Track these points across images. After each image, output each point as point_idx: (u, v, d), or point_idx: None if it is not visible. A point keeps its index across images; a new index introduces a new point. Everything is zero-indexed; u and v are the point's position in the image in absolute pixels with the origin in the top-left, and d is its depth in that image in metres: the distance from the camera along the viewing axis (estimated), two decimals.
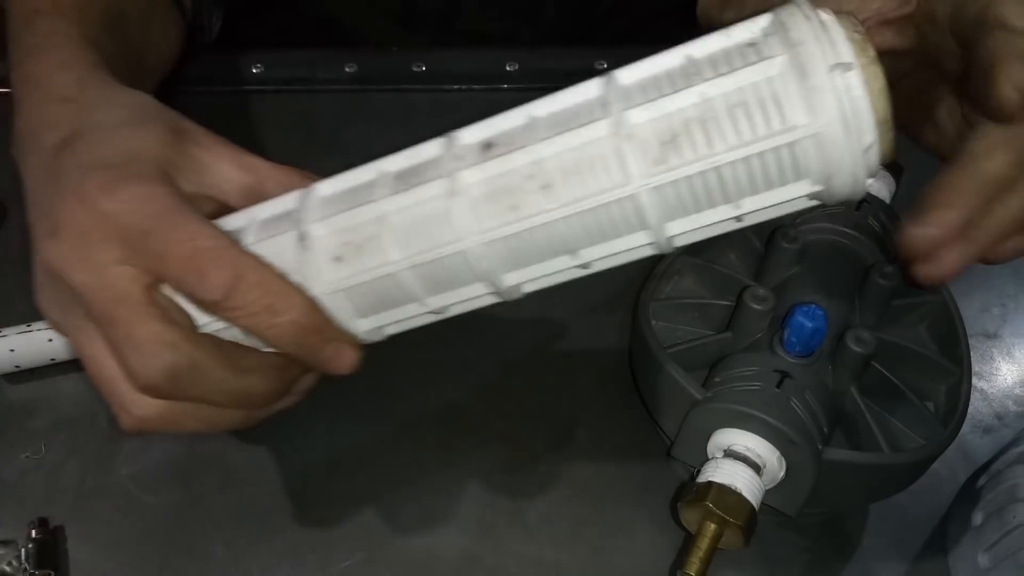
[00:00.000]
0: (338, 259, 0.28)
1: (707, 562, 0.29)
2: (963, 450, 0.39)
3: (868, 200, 0.37)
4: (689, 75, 0.26)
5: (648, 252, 0.27)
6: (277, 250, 0.28)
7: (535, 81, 0.56)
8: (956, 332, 0.36)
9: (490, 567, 0.34)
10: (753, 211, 0.26)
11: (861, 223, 0.37)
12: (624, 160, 0.26)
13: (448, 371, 0.40)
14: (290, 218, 0.29)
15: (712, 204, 0.26)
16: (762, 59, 0.25)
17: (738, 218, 0.27)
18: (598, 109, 0.27)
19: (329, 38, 0.66)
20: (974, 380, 0.41)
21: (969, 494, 0.35)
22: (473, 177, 0.27)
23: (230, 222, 0.30)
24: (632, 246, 0.27)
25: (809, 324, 0.31)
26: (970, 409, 0.39)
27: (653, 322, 0.36)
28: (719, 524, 0.29)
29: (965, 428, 0.39)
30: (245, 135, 0.52)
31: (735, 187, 0.26)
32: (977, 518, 0.34)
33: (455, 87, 0.56)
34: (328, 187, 0.30)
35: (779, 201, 0.26)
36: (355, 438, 0.38)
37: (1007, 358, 0.42)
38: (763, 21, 0.26)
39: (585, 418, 0.39)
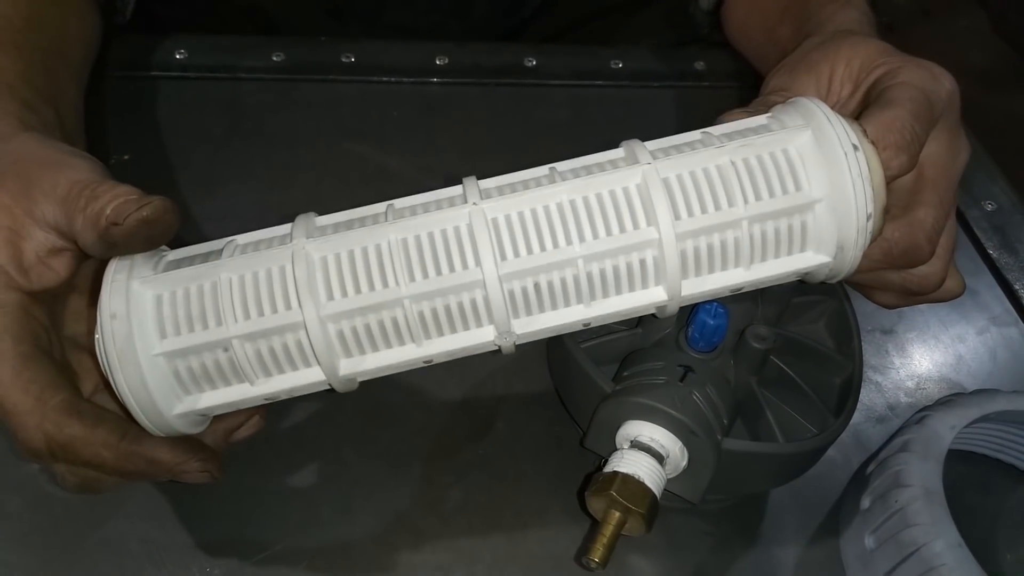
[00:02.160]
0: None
1: (611, 548, 0.30)
2: (858, 438, 0.41)
3: None
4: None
5: (492, 347, 0.30)
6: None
7: (464, 76, 0.57)
8: (850, 329, 0.38)
9: (406, 555, 0.35)
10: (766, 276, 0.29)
11: None
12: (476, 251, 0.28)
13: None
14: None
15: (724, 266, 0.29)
16: (786, 128, 0.29)
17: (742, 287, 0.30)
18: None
19: (255, 26, 0.65)
20: (870, 373, 0.44)
21: (859, 480, 0.38)
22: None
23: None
24: (480, 340, 0.29)
25: (711, 321, 0.33)
26: (865, 400, 0.42)
27: None
28: (623, 512, 0.30)
29: (860, 418, 0.42)
30: (167, 122, 0.51)
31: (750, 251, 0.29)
32: (865, 502, 0.36)
33: (384, 79, 0.56)
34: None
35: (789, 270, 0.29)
36: (272, 430, 0.38)
37: (900, 353, 0.45)
38: (776, 108, 0.30)
39: (503, 410, 0.40)
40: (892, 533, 0.34)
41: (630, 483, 0.31)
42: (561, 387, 0.39)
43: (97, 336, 0.28)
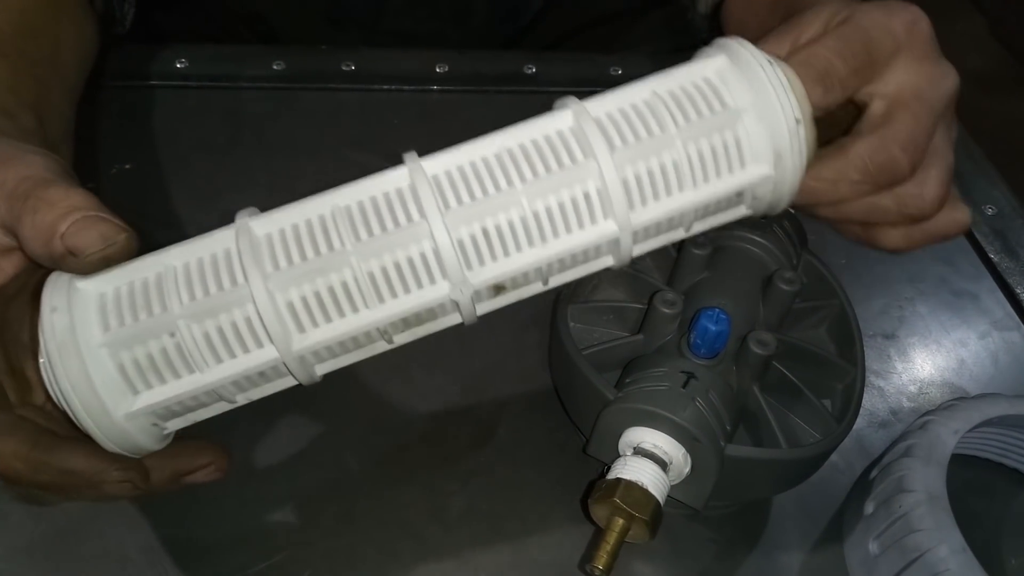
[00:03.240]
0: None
1: (614, 555, 0.30)
2: (860, 444, 0.41)
3: None
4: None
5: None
6: None
7: (464, 83, 0.57)
8: (852, 334, 0.38)
9: (409, 563, 0.35)
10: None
11: (767, 230, 0.39)
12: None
13: (371, 372, 0.41)
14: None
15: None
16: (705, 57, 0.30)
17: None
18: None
19: (255, 34, 0.66)
20: (872, 378, 0.44)
21: (862, 485, 0.38)
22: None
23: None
24: (435, 296, 0.28)
25: (713, 328, 0.33)
26: (867, 405, 0.42)
27: (571, 324, 0.38)
28: (626, 519, 0.30)
29: (862, 423, 0.42)
30: (168, 131, 0.51)
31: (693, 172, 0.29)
32: (868, 508, 0.36)
33: (384, 87, 0.56)
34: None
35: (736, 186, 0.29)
36: (275, 439, 0.38)
37: (902, 358, 0.45)
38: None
39: (506, 418, 0.40)
40: (896, 538, 0.34)
41: (634, 490, 0.31)
42: (563, 394, 0.39)
43: (40, 336, 0.27)
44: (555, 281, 0.30)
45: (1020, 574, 0.37)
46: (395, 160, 0.53)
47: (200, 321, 0.27)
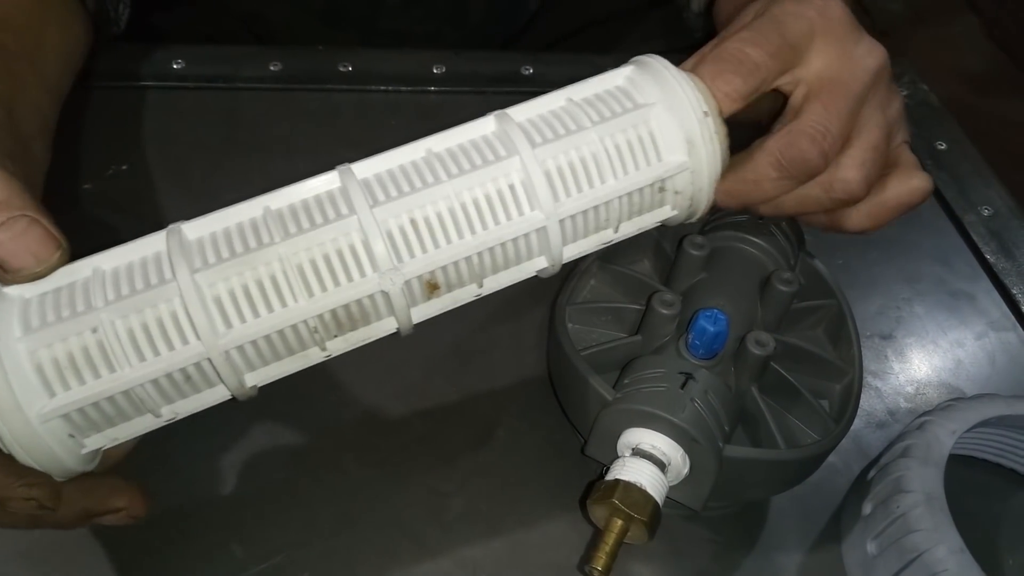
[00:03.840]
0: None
1: (613, 556, 0.30)
2: (858, 444, 0.41)
3: None
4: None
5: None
6: None
7: (461, 84, 0.57)
8: (850, 335, 0.38)
9: (408, 564, 0.35)
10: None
11: (764, 231, 0.39)
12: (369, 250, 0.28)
13: (369, 373, 0.41)
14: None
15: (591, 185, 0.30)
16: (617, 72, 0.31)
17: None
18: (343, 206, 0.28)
19: (251, 34, 0.66)
20: (869, 379, 0.44)
21: (860, 486, 0.38)
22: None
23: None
24: (365, 288, 0.28)
25: (711, 328, 0.33)
26: (865, 405, 0.42)
27: (569, 325, 0.38)
28: (625, 520, 0.30)
29: (860, 423, 0.42)
30: (164, 132, 0.51)
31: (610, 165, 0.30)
32: (866, 508, 0.36)
33: (381, 88, 0.56)
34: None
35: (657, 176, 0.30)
36: (274, 439, 0.38)
37: (899, 358, 0.45)
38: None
39: (504, 419, 0.40)
40: (894, 539, 0.34)
41: (632, 491, 0.31)
42: (561, 395, 0.39)
43: None
44: (489, 283, 0.30)
45: (1018, 573, 0.37)
46: None
47: (124, 317, 0.26)
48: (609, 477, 0.32)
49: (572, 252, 0.31)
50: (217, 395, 0.28)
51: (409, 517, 0.36)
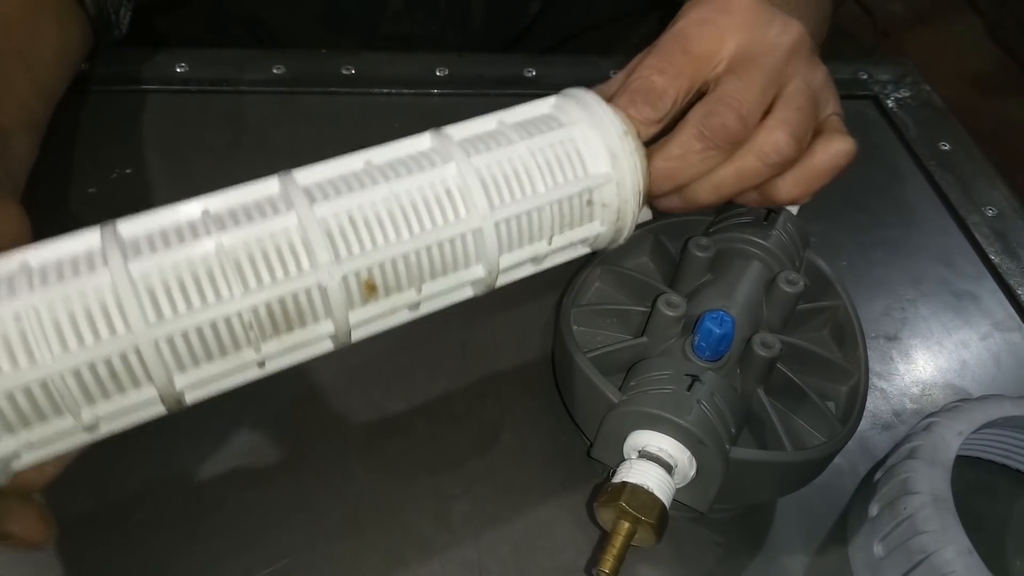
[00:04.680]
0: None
1: (621, 559, 0.30)
2: (864, 446, 0.41)
3: (775, 211, 0.39)
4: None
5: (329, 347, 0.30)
6: None
7: (464, 87, 0.57)
8: (856, 336, 0.38)
9: (414, 567, 0.35)
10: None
11: (769, 233, 0.39)
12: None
13: (374, 375, 0.41)
14: None
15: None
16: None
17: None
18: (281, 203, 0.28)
19: (254, 38, 0.66)
20: (875, 380, 0.44)
21: (867, 487, 0.38)
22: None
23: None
24: (305, 282, 0.27)
25: (717, 330, 0.33)
26: (871, 407, 0.42)
27: (574, 327, 0.38)
28: (632, 522, 0.30)
29: (866, 425, 0.42)
30: (168, 135, 0.51)
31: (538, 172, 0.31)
32: (873, 510, 0.36)
33: (384, 91, 0.56)
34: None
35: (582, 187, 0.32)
36: (280, 442, 0.38)
37: (905, 359, 0.45)
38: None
39: (509, 421, 0.40)
40: (901, 540, 0.33)
41: (639, 493, 0.31)
42: (567, 397, 0.38)
43: None
44: (428, 289, 0.30)
45: None
46: None
47: (50, 304, 0.25)
48: (616, 479, 0.32)
49: (508, 262, 0.31)
50: (143, 396, 0.26)
51: (415, 520, 0.36)
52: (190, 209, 0.28)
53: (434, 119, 0.54)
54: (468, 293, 0.32)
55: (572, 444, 0.39)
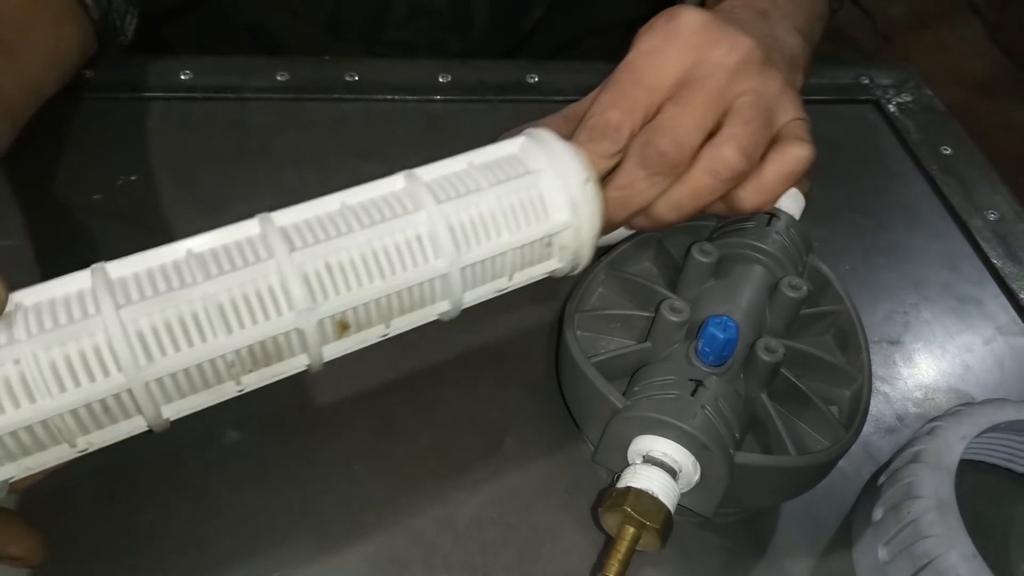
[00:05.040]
0: None
1: (626, 564, 0.30)
2: (867, 450, 0.41)
3: (778, 216, 0.39)
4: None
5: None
6: None
7: (467, 93, 0.57)
8: (859, 341, 0.38)
9: (419, 573, 0.35)
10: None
11: (772, 238, 0.39)
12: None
13: (379, 381, 0.41)
14: None
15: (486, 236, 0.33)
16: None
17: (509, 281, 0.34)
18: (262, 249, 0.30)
19: (257, 45, 0.66)
20: (878, 384, 0.44)
21: (871, 492, 0.38)
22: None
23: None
24: (281, 327, 0.29)
25: (721, 335, 0.33)
26: (874, 411, 0.42)
27: (578, 332, 0.38)
28: (637, 527, 0.30)
29: (869, 429, 0.42)
30: (173, 142, 0.52)
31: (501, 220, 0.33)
32: (877, 514, 0.36)
33: (388, 97, 0.56)
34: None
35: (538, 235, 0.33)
36: (283, 448, 0.38)
37: (908, 363, 0.45)
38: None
39: (514, 427, 0.40)
40: (905, 545, 0.34)
41: (644, 498, 0.31)
42: (571, 402, 0.39)
43: None
44: (396, 325, 0.32)
45: None
46: (399, 170, 0.54)
47: (47, 349, 0.26)
48: (621, 484, 0.32)
49: (471, 297, 0.33)
50: (133, 426, 0.29)
51: (420, 525, 0.36)
52: (174, 252, 0.29)
53: (437, 125, 0.55)
54: (433, 319, 0.34)
55: (576, 449, 0.39)
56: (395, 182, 0.32)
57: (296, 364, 0.31)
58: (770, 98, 0.37)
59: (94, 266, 0.28)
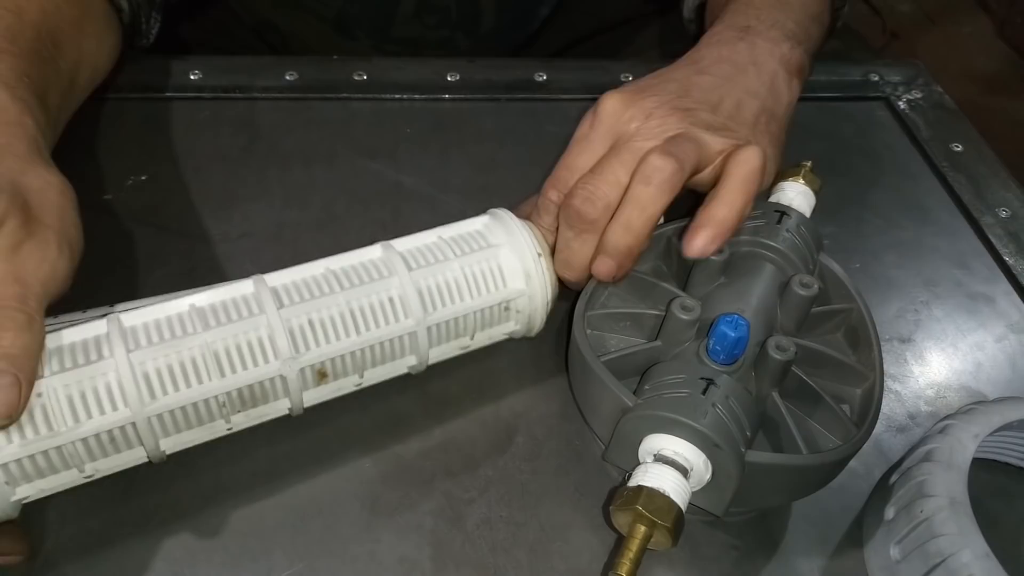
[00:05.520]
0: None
1: (637, 563, 0.30)
2: (879, 448, 0.41)
3: (788, 214, 0.39)
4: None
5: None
6: None
7: (475, 91, 0.57)
8: (870, 339, 0.38)
9: (430, 571, 0.35)
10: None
11: (783, 236, 0.39)
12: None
13: (389, 380, 0.41)
14: None
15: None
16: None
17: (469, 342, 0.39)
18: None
19: (266, 44, 0.66)
20: (889, 382, 0.44)
21: (882, 490, 0.38)
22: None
23: None
24: (267, 372, 0.34)
25: (732, 333, 0.33)
26: (885, 409, 0.42)
27: (588, 331, 0.38)
28: (649, 526, 0.30)
29: (880, 427, 0.41)
30: (183, 142, 0.52)
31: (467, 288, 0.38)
32: (889, 513, 0.36)
33: (396, 96, 0.56)
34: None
35: (498, 301, 0.38)
36: (296, 447, 0.38)
37: (919, 361, 0.45)
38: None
39: (523, 425, 0.40)
40: (918, 544, 0.33)
41: (656, 497, 0.31)
42: (581, 401, 0.39)
43: None
44: (369, 376, 0.37)
45: None
46: (407, 169, 0.54)
47: (66, 385, 0.31)
48: (632, 483, 0.32)
49: (436, 354, 0.38)
50: (135, 456, 0.33)
51: (430, 524, 0.36)
52: (179, 306, 0.34)
53: (445, 124, 0.55)
54: (403, 372, 0.38)
55: (587, 448, 0.39)
56: (373, 251, 0.37)
57: (280, 407, 0.35)
58: (684, 133, 0.39)
59: (109, 316, 0.33)
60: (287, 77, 0.56)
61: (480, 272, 0.38)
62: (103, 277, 0.43)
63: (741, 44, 0.44)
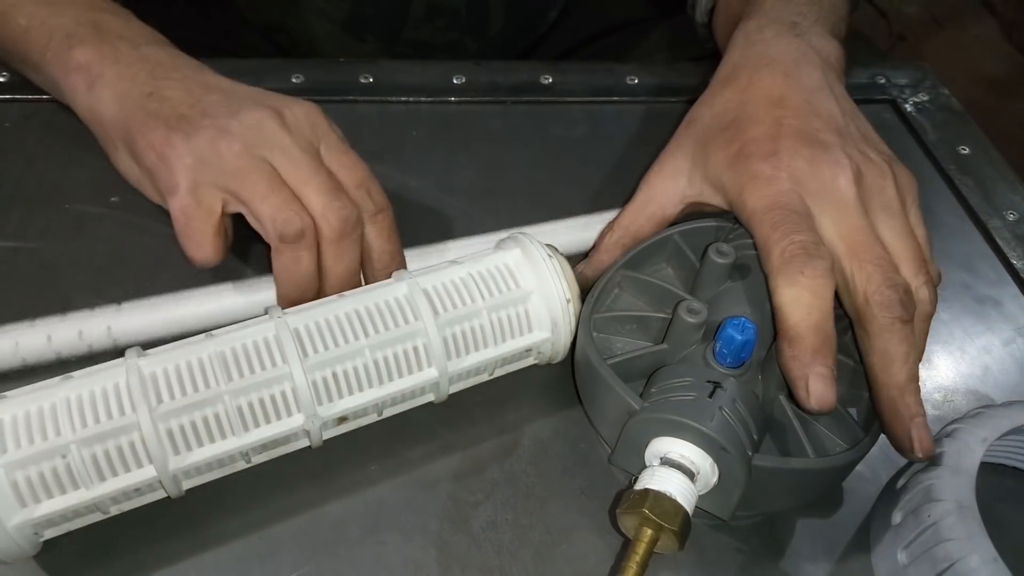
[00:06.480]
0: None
1: (644, 566, 0.30)
2: (886, 452, 0.41)
3: None
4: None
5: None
6: None
7: (481, 94, 0.57)
8: None
9: (435, 574, 0.35)
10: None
11: None
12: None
13: None
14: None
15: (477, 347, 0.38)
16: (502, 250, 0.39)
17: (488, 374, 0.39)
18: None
19: (273, 46, 0.66)
20: None
21: (890, 495, 0.37)
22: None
23: None
24: (291, 427, 0.34)
25: (739, 337, 0.33)
26: None
27: (594, 334, 0.38)
28: (655, 529, 0.30)
29: None
30: None
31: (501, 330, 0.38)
32: (896, 517, 0.36)
33: (402, 99, 0.56)
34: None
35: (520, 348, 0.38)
36: (301, 451, 0.38)
37: (926, 365, 0.45)
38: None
39: (530, 428, 0.40)
40: (925, 548, 0.33)
41: (662, 500, 0.31)
42: (588, 404, 0.39)
43: None
44: (388, 412, 0.37)
45: None
46: (413, 172, 0.54)
47: (90, 446, 0.31)
48: (638, 486, 0.32)
49: (454, 390, 0.38)
50: (156, 496, 0.34)
51: (435, 526, 0.36)
52: (199, 349, 0.33)
53: (451, 126, 0.55)
54: (419, 405, 0.38)
55: (593, 451, 0.39)
56: (398, 288, 0.36)
57: (298, 445, 0.36)
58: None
59: (128, 362, 0.32)
60: (293, 79, 0.56)
61: (507, 318, 0.37)
62: (110, 279, 0.43)
63: (797, 40, 0.43)
